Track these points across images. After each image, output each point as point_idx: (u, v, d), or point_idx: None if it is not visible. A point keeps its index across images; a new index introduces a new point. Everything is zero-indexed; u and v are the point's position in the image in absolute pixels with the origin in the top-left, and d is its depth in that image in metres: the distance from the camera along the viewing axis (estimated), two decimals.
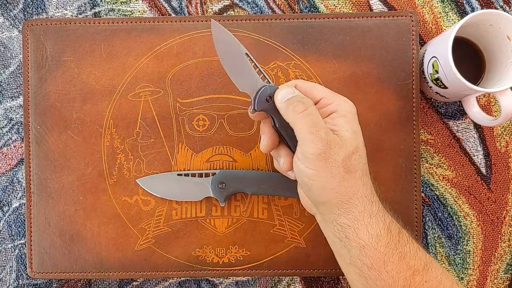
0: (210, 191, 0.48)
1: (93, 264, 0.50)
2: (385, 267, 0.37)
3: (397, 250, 0.38)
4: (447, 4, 0.52)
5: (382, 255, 0.37)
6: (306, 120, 0.38)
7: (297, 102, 0.38)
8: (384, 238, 0.38)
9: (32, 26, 0.50)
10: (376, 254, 0.38)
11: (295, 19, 0.50)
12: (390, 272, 0.37)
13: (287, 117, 0.39)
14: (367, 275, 0.38)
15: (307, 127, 0.37)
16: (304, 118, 0.38)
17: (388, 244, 0.38)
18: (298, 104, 0.38)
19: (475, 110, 0.48)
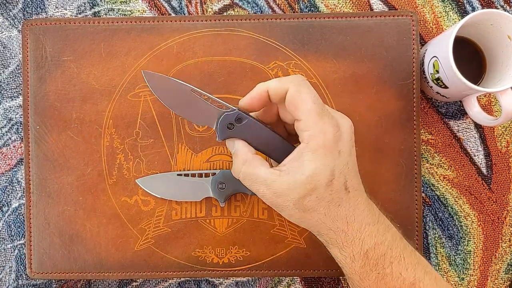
0: (210, 191, 0.48)
1: (92, 264, 0.50)
2: (362, 282, 0.39)
3: (374, 272, 0.38)
4: (448, 3, 0.52)
5: (357, 273, 0.39)
6: (246, 184, 0.39)
7: (233, 170, 0.40)
8: (359, 261, 0.38)
9: (31, 26, 0.50)
10: (351, 271, 0.39)
11: (295, 19, 0.50)
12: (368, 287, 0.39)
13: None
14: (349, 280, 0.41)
15: (250, 189, 0.39)
16: (243, 182, 0.39)
17: (363, 266, 0.38)
18: (234, 172, 0.40)
19: (476, 110, 0.48)
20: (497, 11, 0.43)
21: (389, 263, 0.38)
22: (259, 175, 0.38)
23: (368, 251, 0.38)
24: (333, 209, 0.37)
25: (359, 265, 0.38)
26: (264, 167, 0.38)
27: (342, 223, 0.38)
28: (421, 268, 0.38)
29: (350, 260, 0.39)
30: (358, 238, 0.38)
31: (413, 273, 0.38)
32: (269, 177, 0.37)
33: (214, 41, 0.50)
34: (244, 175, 0.39)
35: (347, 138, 0.38)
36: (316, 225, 0.38)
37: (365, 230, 0.38)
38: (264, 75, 0.50)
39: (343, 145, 0.37)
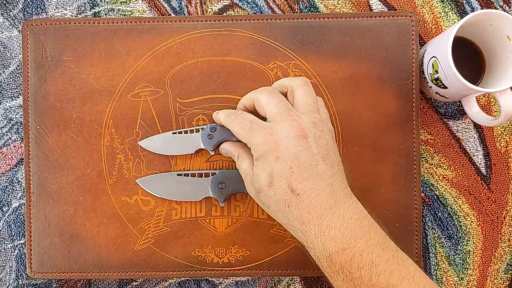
0: (210, 191, 0.48)
1: (92, 264, 0.50)
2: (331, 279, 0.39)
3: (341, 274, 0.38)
4: (447, 4, 0.52)
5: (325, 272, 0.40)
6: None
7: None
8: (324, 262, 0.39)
9: (31, 26, 0.50)
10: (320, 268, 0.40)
11: (295, 19, 0.50)
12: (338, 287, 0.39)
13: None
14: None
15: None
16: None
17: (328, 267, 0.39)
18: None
19: (475, 110, 0.48)
20: (496, 11, 0.43)
21: (357, 268, 0.37)
22: (241, 168, 0.44)
23: (332, 255, 0.38)
24: (282, 208, 0.40)
25: (325, 265, 0.39)
26: (247, 161, 0.43)
27: (297, 223, 0.39)
28: (398, 274, 0.37)
29: (316, 258, 0.40)
30: (318, 241, 0.38)
31: (385, 279, 0.37)
32: (246, 170, 0.43)
33: (214, 41, 0.50)
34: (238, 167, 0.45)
35: (285, 144, 0.39)
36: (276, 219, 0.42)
37: (327, 234, 0.38)
38: (264, 75, 0.50)
39: (281, 150, 0.39)
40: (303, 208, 0.39)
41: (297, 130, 0.40)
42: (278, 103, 0.42)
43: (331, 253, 0.38)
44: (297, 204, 0.39)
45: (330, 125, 0.44)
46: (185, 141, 0.49)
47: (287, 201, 0.39)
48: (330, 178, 0.39)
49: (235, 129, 0.43)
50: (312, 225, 0.39)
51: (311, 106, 0.42)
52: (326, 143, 0.41)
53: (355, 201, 0.40)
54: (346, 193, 0.40)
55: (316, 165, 0.39)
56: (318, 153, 0.40)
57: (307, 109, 0.42)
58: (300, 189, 0.39)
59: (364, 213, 0.40)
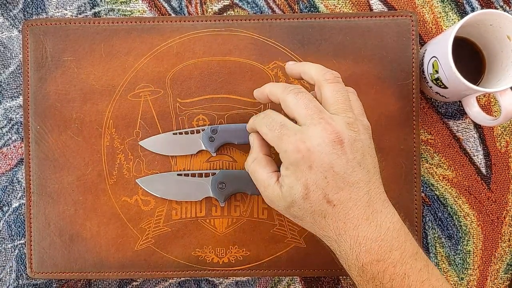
0: (210, 191, 0.48)
1: (93, 264, 0.50)
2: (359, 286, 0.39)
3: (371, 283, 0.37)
4: (447, 4, 0.52)
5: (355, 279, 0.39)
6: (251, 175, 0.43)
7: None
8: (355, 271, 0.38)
9: (32, 26, 0.50)
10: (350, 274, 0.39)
11: (295, 19, 0.50)
12: None
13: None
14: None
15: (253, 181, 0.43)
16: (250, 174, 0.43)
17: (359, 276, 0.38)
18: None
19: (475, 110, 0.48)
20: (497, 11, 0.43)
21: (389, 279, 0.37)
22: (259, 177, 0.41)
23: (364, 265, 0.37)
24: (318, 220, 0.38)
25: (355, 274, 0.38)
26: (266, 170, 0.41)
27: (332, 233, 0.38)
28: (428, 284, 0.37)
29: (346, 266, 0.39)
30: (353, 252, 0.37)
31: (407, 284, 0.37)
32: (266, 181, 0.40)
33: (214, 41, 0.50)
34: (250, 171, 0.42)
35: (319, 152, 0.37)
36: (310, 230, 0.40)
37: (362, 245, 0.37)
38: (264, 75, 0.50)
39: (314, 159, 0.37)
40: (339, 219, 0.37)
41: (332, 135, 0.37)
42: (308, 104, 0.38)
43: (364, 264, 0.37)
44: (333, 215, 0.37)
45: (366, 120, 0.41)
46: (186, 142, 0.49)
47: (323, 212, 0.38)
48: (366, 185, 0.38)
49: (263, 130, 0.40)
50: (348, 236, 0.37)
51: (343, 104, 0.39)
52: (362, 145, 0.38)
53: (392, 209, 0.39)
54: (383, 200, 0.39)
55: (351, 173, 0.37)
56: (354, 158, 0.37)
57: (339, 108, 0.39)
58: (336, 200, 0.37)
59: (401, 223, 0.38)
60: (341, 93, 0.39)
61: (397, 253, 0.37)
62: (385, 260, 0.37)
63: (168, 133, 0.49)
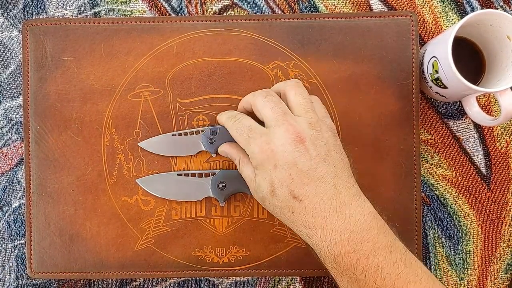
0: (210, 191, 0.48)
1: (93, 264, 0.50)
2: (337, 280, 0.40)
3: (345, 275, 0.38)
4: (447, 4, 0.52)
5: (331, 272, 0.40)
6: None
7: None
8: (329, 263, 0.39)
9: (32, 26, 0.50)
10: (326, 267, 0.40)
11: (295, 19, 0.50)
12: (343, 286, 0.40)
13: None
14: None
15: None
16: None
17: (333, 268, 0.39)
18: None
19: (475, 110, 0.48)
20: (497, 11, 0.43)
21: (362, 271, 0.37)
22: (244, 173, 0.44)
23: (337, 257, 0.38)
24: (288, 215, 0.40)
25: (330, 266, 0.39)
26: (249, 166, 0.43)
27: (303, 227, 0.39)
28: (404, 277, 0.37)
29: (321, 259, 0.40)
30: (323, 244, 0.38)
31: (391, 282, 0.37)
32: (248, 177, 0.43)
33: (214, 41, 0.50)
34: (239, 171, 0.45)
35: (282, 152, 0.39)
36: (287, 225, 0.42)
37: (332, 238, 0.38)
38: (264, 75, 0.50)
39: (278, 158, 0.39)
40: (307, 213, 0.39)
41: (293, 135, 0.39)
42: (274, 107, 0.41)
43: (336, 256, 0.38)
44: (300, 209, 0.39)
45: (329, 121, 0.43)
46: (185, 143, 0.49)
47: (291, 207, 0.39)
48: (332, 179, 0.39)
49: (233, 133, 0.44)
50: (317, 229, 0.38)
51: (305, 106, 0.42)
52: (326, 142, 0.40)
53: (363, 201, 0.39)
54: (353, 193, 0.39)
55: (316, 168, 0.39)
56: (318, 155, 0.39)
57: (301, 110, 0.41)
58: (302, 195, 0.39)
59: (373, 214, 0.39)
60: (302, 96, 0.42)
61: (369, 244, 0.37)
62: (357, 252, 0.37)
63: (167, 134, 0.49)
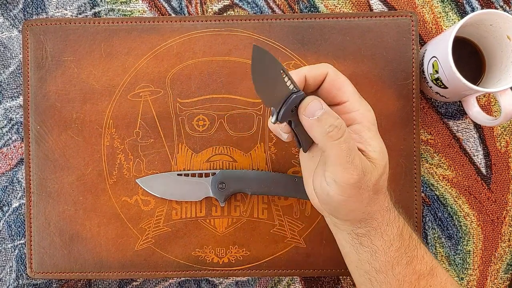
0: (210, 191, 0.48)
1: (93, 264, 0.50)
2: (393, 270, 0.38)
3: (406, 254, 0.38)
4: (447, 4, 0.52)
5: (391, 259, 0.38)
6: (341, 148, 0.34)
7: (332, 126, 0.34)
8: (396, 243, 0.38)
9: (32, 26, 0.50)
10: (386, 258, 0.38)
11: (295, 19, 0.50)
12: (397, 275, 0.38)
13: (316, 138, 0.35)
14: (374, 278, 0.39)
15: (343, 156, 0.34)
16: (340, 145, 0.34)
17: (399, 248, 0.38)
18: (334, 130, 0.34)
19: (475, 110, 0.48)
20: (497, 11, 0.43)
21: (415, 245, 0.38)
22: (354, 144, 0.35)
23: (402, 229, 0.38)
24: (387, 187, 0.39)
25: (395, 248, 0.38)
26: (348, 133, 0.35)
27: (388, 202, 0.39)
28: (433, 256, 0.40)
29: (388, 244, 0.38)
30: (397, 216, 0.39)
31: (430, 258, 0.39)
32: (353, 152, 0.35)
33: (214, 41, 0.50)
34: (347, 137, 0.35)
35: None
36: (374, 209, 0.37)
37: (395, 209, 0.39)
38: None
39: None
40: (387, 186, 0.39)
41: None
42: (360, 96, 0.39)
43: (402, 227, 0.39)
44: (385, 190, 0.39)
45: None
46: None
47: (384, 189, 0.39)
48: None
49: (347, 82, 0.37)
50: (391, 202, 0.40)
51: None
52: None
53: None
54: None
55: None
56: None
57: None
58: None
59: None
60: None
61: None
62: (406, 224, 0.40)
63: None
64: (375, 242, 0.38)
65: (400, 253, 0.38)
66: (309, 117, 0.35)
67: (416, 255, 0.38)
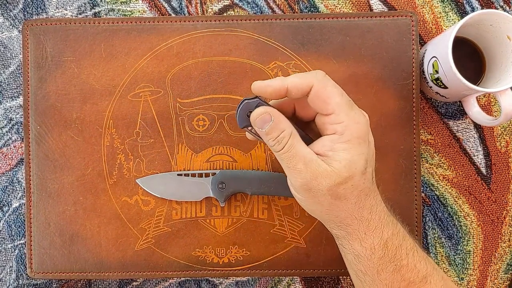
0: (210, 191, 0.48)
1: (93, 264, 0.50)
2: (379, 275, 0.38)
3: (392, 263, 0.38)
4: (447, 4, 0.52)
5: (375, 265, 0.38)
6: (282, 157, 0.38)
7: (274, 141, 0.38)
8: (378, 252, 0.38)
9: (32, 26, 0.50)
10: (369, 264, 0.38)
11: (295, 19, 0.50)
12: (384, 280, 0.38)
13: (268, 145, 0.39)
14: (362, 279, 0.39)
15: (286, 162, 0.38)
16: (280, 155, 0.38)
17: (382, 257, 0.38)
18: (275, 144, 0.38)
19: (475, 110, 0.48)
20: (497, 11, 0.43)
21: (405, 254, 0.38)
22: (300, 150, 0.37)
23: (388, 240, 0.38)
24: (362, 198, 0.38)
25: (378, 256, 0.38)
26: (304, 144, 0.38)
27: (367, 212, 0.38)
28: (430, 262, 0.39)
29: (370, 252, 0.38)
30: (379, 227, 0.38)
31: (425, 266, 0.38)
32: (308, 156, 0.37)
33: (214, 41, 0.50)
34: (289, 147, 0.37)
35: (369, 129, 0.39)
36: (341, 215, 0.38)
37: (384, 220, 0.39)
38: (264, 75, 0.50)
39: (371, 135, 0.39)
40: (375, 196, 0.39)
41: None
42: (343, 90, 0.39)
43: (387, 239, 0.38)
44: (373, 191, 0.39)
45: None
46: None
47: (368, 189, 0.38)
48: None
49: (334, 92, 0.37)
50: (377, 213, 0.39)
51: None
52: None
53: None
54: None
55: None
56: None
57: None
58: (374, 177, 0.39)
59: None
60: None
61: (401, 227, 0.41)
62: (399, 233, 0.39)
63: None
64: (356, 247, 0.39)
65: (385, 261, 0.38)
66: (260, 129, 0.38)
67: (406, 264, 0.38)
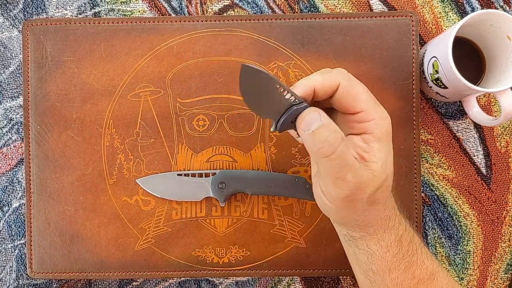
0: (210, 191, 0.48)
1: (93, 264, 0.50)
2: (390, 274, 0.38)
3: (404, 260, 0.38)
4: (447, 4, 0.52)
5: (388, 264, 0.38)
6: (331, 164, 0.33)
7: (323, 142, 0.33)
8: (393, 249, 0.38)
9: (32, 26, 0.50)
10: (383, 262, 0.38)
11: (295, 19, 0.50)
12: (395, 279, 0.38)
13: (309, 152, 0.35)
14: (372, 279, 0.39)
15: (333, 172, 0.34)
16: (329, 162, 0.33)
17: (396, 254, 0.38)
18: (324, 146, 0.33)
19: (475, 110, 0.48)
20: (497, 11, 0.43)
21: (415, 250, 0.38)
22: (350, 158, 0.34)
23: (402, 236, 0.38)
24: (389, 197, 0.37)
25: (392, 254, 0.37)
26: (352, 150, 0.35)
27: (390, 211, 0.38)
28: (434, 259, 0.39)
29: (385, 249, 0.38)
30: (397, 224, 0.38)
31: (431, 263, 0.39)
32: (356, 164, 0.34)
33: (214, 41, 0.50)
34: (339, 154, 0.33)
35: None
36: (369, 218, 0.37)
37: (399, 215, 0.39)
38: None
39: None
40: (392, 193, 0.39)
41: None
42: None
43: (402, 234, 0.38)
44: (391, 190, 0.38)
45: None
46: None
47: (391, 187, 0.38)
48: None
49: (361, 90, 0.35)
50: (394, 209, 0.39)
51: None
52: None
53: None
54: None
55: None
56: None
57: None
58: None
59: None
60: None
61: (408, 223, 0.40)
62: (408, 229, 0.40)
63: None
64: (371, 246, 0.38)
65: (398, 258, 0.38)
66: (304, 131, 0.34)
67: (416, 260, 0.38)
